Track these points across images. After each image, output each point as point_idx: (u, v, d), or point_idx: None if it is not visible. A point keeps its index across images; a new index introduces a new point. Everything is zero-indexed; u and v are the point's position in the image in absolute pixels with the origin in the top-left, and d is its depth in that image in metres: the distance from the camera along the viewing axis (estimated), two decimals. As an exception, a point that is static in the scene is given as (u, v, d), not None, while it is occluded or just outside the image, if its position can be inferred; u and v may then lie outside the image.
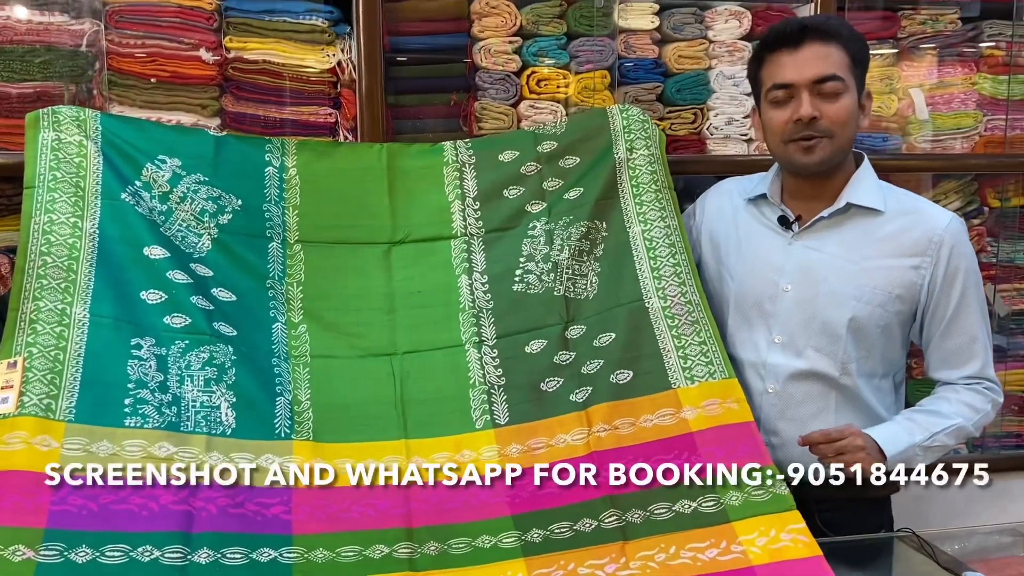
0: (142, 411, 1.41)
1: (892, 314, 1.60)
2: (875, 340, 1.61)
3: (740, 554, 1.39)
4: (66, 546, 1.24)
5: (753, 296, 1.67)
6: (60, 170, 1.57)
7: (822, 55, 1.54)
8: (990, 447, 2.47)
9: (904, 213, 1.61)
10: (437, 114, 2.07)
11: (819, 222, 1.62)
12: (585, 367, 1.65)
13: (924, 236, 1.58)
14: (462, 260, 1.78)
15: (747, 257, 1.69)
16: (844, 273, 1.60)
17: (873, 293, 1.59)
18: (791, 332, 1.63)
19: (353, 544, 1.38)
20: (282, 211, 1.75)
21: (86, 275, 1.50)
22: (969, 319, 1.61)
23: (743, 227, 1.72)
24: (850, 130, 1.57)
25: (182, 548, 1.29)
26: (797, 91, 1.55)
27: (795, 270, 1.63)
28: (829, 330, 1.60)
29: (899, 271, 1.59)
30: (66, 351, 1.42)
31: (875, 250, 1.60)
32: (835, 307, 1.60)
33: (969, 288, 1.60)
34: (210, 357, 1.51)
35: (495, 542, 1.43)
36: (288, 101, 1.95)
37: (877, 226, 1.61)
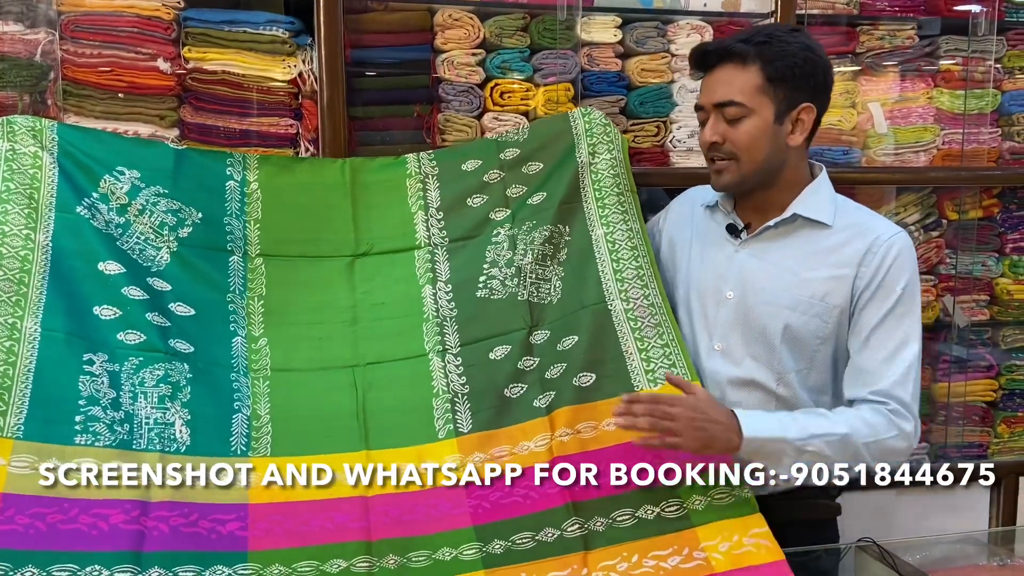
0: (93, 428, 1.38)
1: (833, 326, 1.57)
2: (815, 352, 1.59)
3: (703, 560, 1.40)
4: (11, 566, 1.21)
5: (699, 302, 1.68)
6: (13, 181, 1.54)
7: (726, 80, 1.55)
8: (952, 456, 2.49)
9: (851, 226, 1.60)
10: (401, 126, 2.06)
11: (766, 231, 1.63)
12: (549, 372, 1.65)
13: (863, 247, 1.56)
14: (426, 271, 1.77)
15: (696, 263, 1.71)
16: (782, 283, 1.59)
17: (809, 303, 1.57)
18: (730, 340, 1.63)
19: (310, 559, 1.36)
20: (243, 225, 1.73)
21: (38, 288, 1.47)
22: (891, 335, 1.53)
23: (698, 233, 1.74)
24: (758, 152, 1.55)
25: (132, 568, 1.26)
26: (707, 114, 1.58)
27: (737, 278, 1.63)
28: (765, 339, 1.59)
29: (837, 281, 1.57)
30: (15, 366, 1.39)
31: (816, 261, 1.59)
32: (770, 316, 1.59)
33: (900, 303, 1.54)
34: (165, 374, 1.49)
35: (456, 554, 1.42)
36: (248, 112, 1.93)
37: (822, 238, 1.60)
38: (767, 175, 1.59)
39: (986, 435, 2.53)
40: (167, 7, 1.84)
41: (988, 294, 2.48)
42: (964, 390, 2.50)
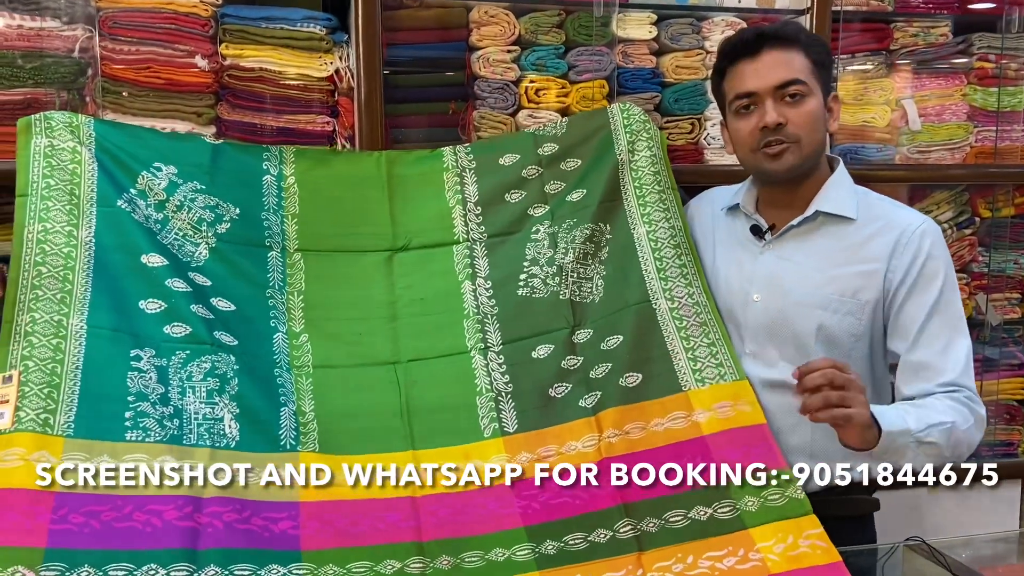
0: (143, 424, 1.36)
1: (867, 323, 1.55)
2: (851, 351, 1.56)
3: (759, 562, 1.37)
4: (67, 566, 1.19)
5: (725, 306, 1.65)
6: (54, 177, 1.52)
7: (782, 61, 1.53)
8: (983, 455, 2.47)
9: (876, 219, 1.57)
10: (436, 123, 2.05)
11: (789, 231, 1.60)
12: (593, 371, 1.62)
13: (892, 239, 1.53)
14: (465, 266, 1.75)
15: (720, 268, 1.68)
16: (811, 282, 1.57)
17: (840, 302, 1.55)
18: (761, 343, 1.60)
19: (364, 559, 1.34)
20: (281, 220, 1.71)
21: (83, 285, 1.45)
22: (942, 327, 1.52)
23: (720, 237, 1.71)
24: (817, 134, 1.55)
25: (188, 566, 1.24)
26: (760, 99, 1.53)
27: (763, 280, 1.61)
28: (798, 340, 1.56)
29: (867, 277, 1.54)
30: (63, 364, 1.36)
31: (844, 258, 1.56)
32: (803, 317, 1.56)
33: (943, 294, 1.52)
34: (212, 367, 1.47)
35: (508, 555, 1.40)
36: (285, 109, 1.91)
37: (848, 233, 1.57)
38: (816, 160, 1.58)
39: (1016, 433, 2.52)
40: (204, 4, 1.83)
41: (1020, 292, 2.47)
42: (996, 388, 2.48)
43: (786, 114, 1.52)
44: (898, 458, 1.43)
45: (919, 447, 1.42)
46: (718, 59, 1.62)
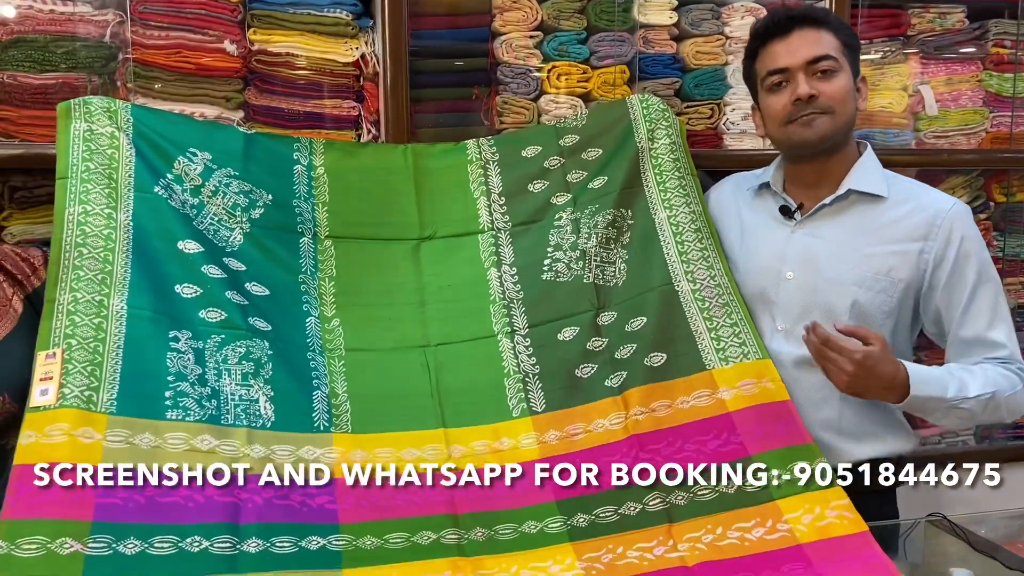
0: (183, 404, 1.38)
1: (897, 301, 1.58)
2: (880, 327, 1.58)
3: (787, 532, 1.39)
4: (114, 538, 1.21)
5: (757, 285, 1.67)
6: (93, 161, 1.53)
7: (813, 39, 1.57)
8: (997, 438, 2.49)
9: (907, 200, 1.60)
10: (459, 108, 2.06)
11: (821, 210, 1.62)
12: (619, 352, 1.65)
13: (927, 220, 1.56)
14: (490, 254, 1.77)
15: (750, 248, 1.70)
16: (845, 260, 1.59)
17: (875, 279, 1.57)
18: (794, 320, 1.62)
19: (400, 531, 1.36)
20: (312, 207, 1.73)
21: (122, 267, 1.46)
22: (986, 304, 1.57)
23: (747, 219, 1.73)
24: (849, 107, 1.58)
25: (231, 538, 1.26)
26: (793, 74, 1.57)
27: (796, 258, 1.63)
28: (831, 317, 1.57)
29: (902, 256, 1.57)
30: (105, 343, 1.38)
31: (877, 236, 1.59)
32: (836, 294, 1.59)
33: (982, 272, 1.57)
34: (246, 352, 1.49)
35: (541, 527, 1.42)
36: (311, 94, 1.93)
37: (879, 212, 1.60)
38: (846, 135, 1.60)
39: (1030, 415, 2.53)
40: (233, -11, 1.84)
41: (1034, 277, 2.47)
42: (1010, 372, 2.49)
43: (818, 87, 1.55)
44: (926, 414, 1.49)
45: (949, 410, 1.48)
46: (750, 41, 1.65)
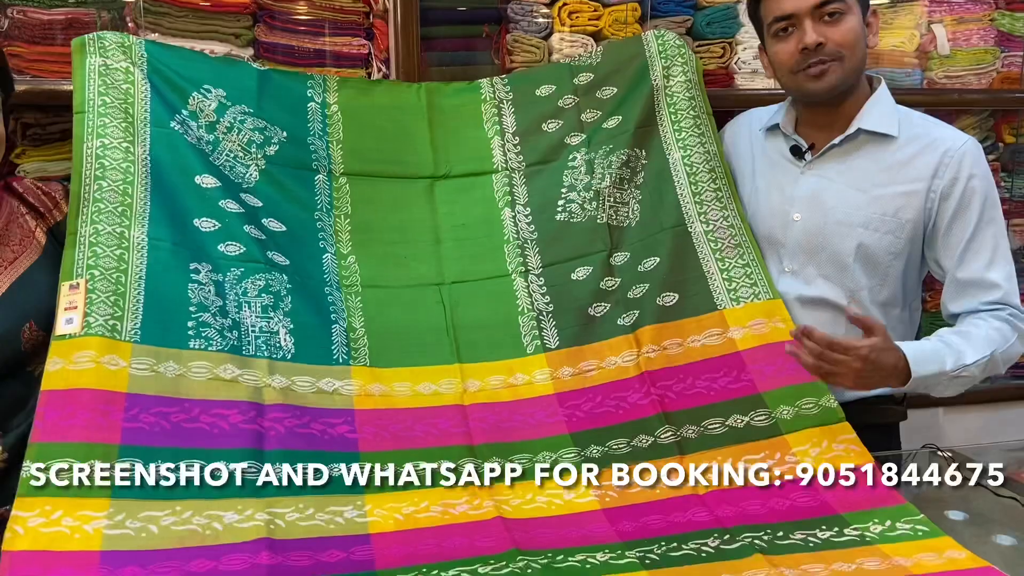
0: (205, 334, 1.40)
1: (905, 241, 1.58)
2: (888, 268, 1.59)
3: (795, 465, 1.42)
4: (142, 461, 1.23)
5: (765, 226, 1.68)
6: (109, 95, 1.53)
7: None
8: (999, 378, 2.52)
9: (917, 138, 1.58)
10: (469, 47, 2.05)
11: (830, 150, 1.62)
12: (631, 292, 1.67)
13: (936, 159, 1.55)
14: (504, 194, 1.78)
15: (760, 187, 1.70)
16: (853, 202, 1.59)
17: (882, 220, 1.57)
18: (801, 261, 1.63)
19: (419, 460, 1.39)
20: (326, 145, 1.73)
21: (142, 199, 1.47)
22: (984, 244, 1.55)
23: (758, 158, 1.73)
24: (859, 51, 1.55)
25: (255, 463, 1.30)
26: (799, 20, 1.53)
27: (804, 199, 1.63)
28: (837, 259, 1.60)
29: (909, 196, 1.56)
30: (127, 273, 1.40)
31: (885, 177, 1.58)
32: (842, 236, 1.59)
33: (986, 211, 1.54)
34: (266, 285, 1.50)
35: (555, 457, 1.45)
36: (321, 31, 1.91)
37: (889, 153, 1.59)
38: (857, 78, 1.58)
39: (1033, 355, 2.56)
40: (244, -77, 1.81)
41: (1041, 217, 2.48)
42: (1013, 314, 2.52)
43: (825, 33, 1.52)
44: (930, 389, 1.48)
45: (952, 380, 1.46)
46: None
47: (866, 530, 1.23)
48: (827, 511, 1.29)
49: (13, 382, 1.36)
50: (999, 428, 2.36)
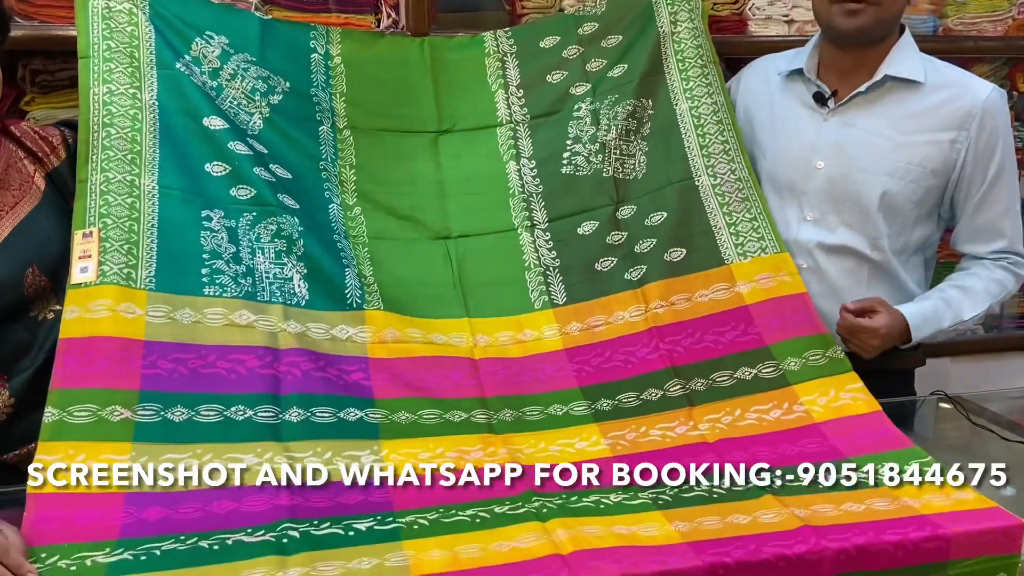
0: (219, 281, 1.44)
1: (925, 189, 1.63)
2: (908, 216, 1.65)
3: (803, 412, 1.48)
4: (161, 406, 1.29)
5: (785, 174, 1.71)
6: (113, 39, 1.55)
7: None
8: (1006, 328, 2.58)
9: (944, 86, 1.62)
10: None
11: (856, 97, 1.65)
12: (638, 246, 1.71)
13: (963, 109, 1.60)
14: (509, 147, 1.80)
15: (780, 135, 1.73)
16: (878, 150, 1.63)
17: (907, 169, 1.62)
18: (823, 209, 1.67)
19: (433, 408, 1.44)
20: (329, 97, 1.75)
21: (150, 147, 1.50)
22: (1001, 193, 1.63)
23: (778, 104, 1.75)
24: (899, 2, 1.58)
25: (273, 407, 1.34)
26: None
27: (828, 147, 1.66)
28: (861, 207, 1.64)
29: (935, 146, 1.61)
30: (139, 222, 1.43)
31: (912, 125, 1.62)
32: (867, 184, 1.63)
33: (1005, 162, 1.62)
34: (278, 229, 1.53)
35: (566, 410, 1.50)
36: (329, -24, 1.90)
37: (915, 100, 1.62)
38: (891, 27, 1.61)
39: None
40: None
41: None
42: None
43: None
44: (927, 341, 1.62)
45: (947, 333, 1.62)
46: None
47: (874, 472, 1.28)
48: (835, 455, 1.35)
49: (16, 327, 1.40)
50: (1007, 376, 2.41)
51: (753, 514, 1.19)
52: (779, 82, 1.76)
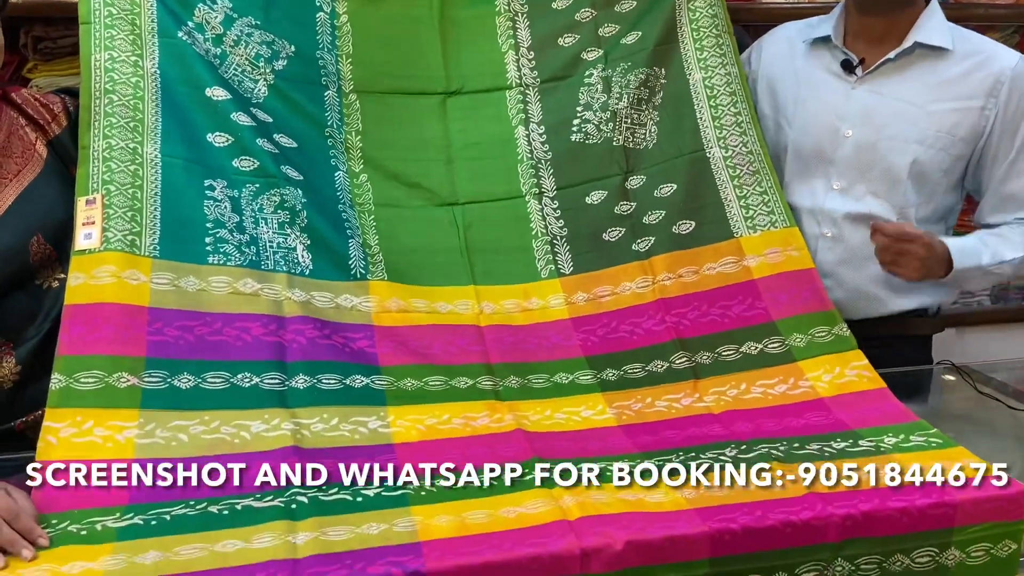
0: (223, 249, 1.45)
1: (954, 158, 1.64)
2: (937, 184, 1.66)
3: (808, 388, 1.50)
4: (168, 373, 1.30)
5: (813, 143, 1.71)
6: (115, 5, 1.55)
7: None
8: (1012, 299, 2.61)
9: (972, 54, 1.64)
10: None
11: (884, 65, 1.65)
12: (646, 217, 1.72)
13: (991, 77, 1.61)
14: (518, 111, 1.80)
15: (807, 104, 1.73)
16: (908, 117, 1.64)
17: (936, 137, 1.63)
18: (851, 179, 1.68)
19: (438, 375, 1.46)
20: (336, 59, 1.74)
21: (152, 115, 1.50)
22: None
23: (803, 73, 1.75)
24: None
25: (279, 375, 1.36)
26: None
27: (857, 115, 1.67)
28: (890, 176, 1.65)
29: (964, 113, 1.62)
30: (143, 189, 1.44)
31: (941, 93, 1.63)
32: (897, 152, 1.64)
33: None
34: (281, 200, 1.54)
35: (572, 379, 1.52)
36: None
37: (944, 68, 1.63)
38: None
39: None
40: None
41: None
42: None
43: None
44: (962, 285, 1.63)
45: (984, 276, 1.60)
46: None
47: (880, 442, 1.31)
48: (841, 427, 1.37)
49: (22, 295, 1.41)
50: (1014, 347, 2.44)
51: (760, 478, 1.20)
52: (804, 50, 1.76)
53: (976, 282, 1.64)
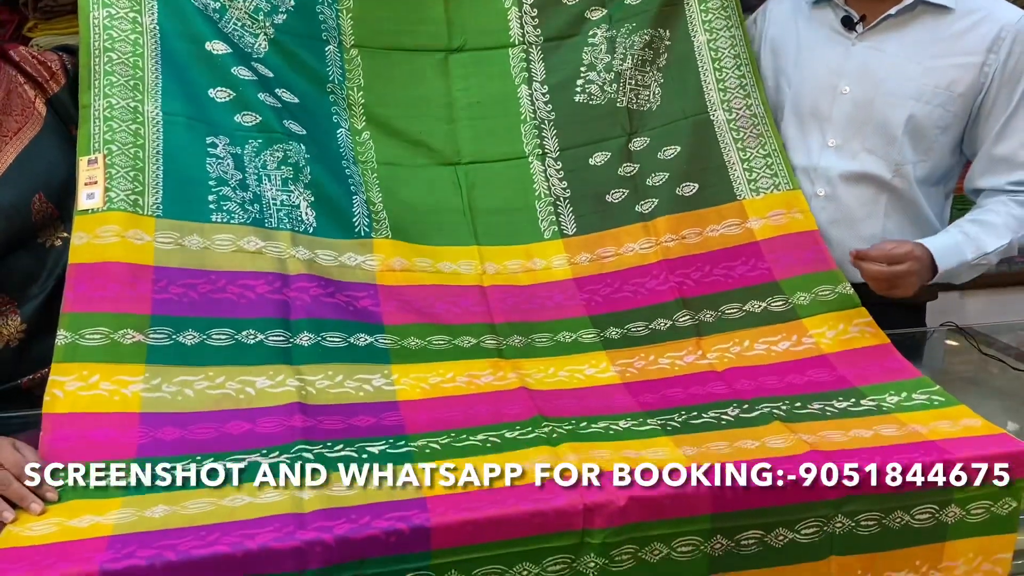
0: (226, 208, 1.46)
1: (952, 115, 1.64)
2: (933, 142, 1.66)
3: (812, 344, 1.52)
4: (173, 330, 1.32)
5: (809, 100, 1.72)
6: None
7: None
8: (1017, 262, 2.63)
9: (973, 11, 1.63)
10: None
11: (885, 21, 1.66)
12: (650, 179, 1.72)
13: (991, 33, 1.60)
14: (521, 69, 1.80)
15: (806, 63, 1.74)
16: (905, 73, 1.64)
17: (934, 92, 1.63)
18: (846, 135, 1.69)
19: (442, 334, 1.48)
20: (336, 14, 1.73)
21: (152, 72, 1.50)
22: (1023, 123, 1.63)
23: (804, 33, 1.76)
24: None
25: (284, 332, 1.38)
26: None
27: (855, 71, 1.67)
28: (886, 131, 1.65)
29: (963, 69, 1.62)
30: (145, 148, 1.44)
31: (940, 49, 1.63)
32: (893, 107, 1.64)
33: None
34: (284, 156, 1.54)
35: (575, 337, 1.54)
36: None
37: (945, 25, 1.63)
38: None
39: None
40: None
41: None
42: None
43: None
44: (951, 279, 1.60)
45: (971, 269, 1.60)
46: None
47: (882, 400, 1.33)
48: (843, 384, 1.39)
49: (25, 254, 1.42)
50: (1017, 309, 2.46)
51: (761, 439, 1.23)
52: (807, 10, 1.77)
53: (964, 276, 1.60)
